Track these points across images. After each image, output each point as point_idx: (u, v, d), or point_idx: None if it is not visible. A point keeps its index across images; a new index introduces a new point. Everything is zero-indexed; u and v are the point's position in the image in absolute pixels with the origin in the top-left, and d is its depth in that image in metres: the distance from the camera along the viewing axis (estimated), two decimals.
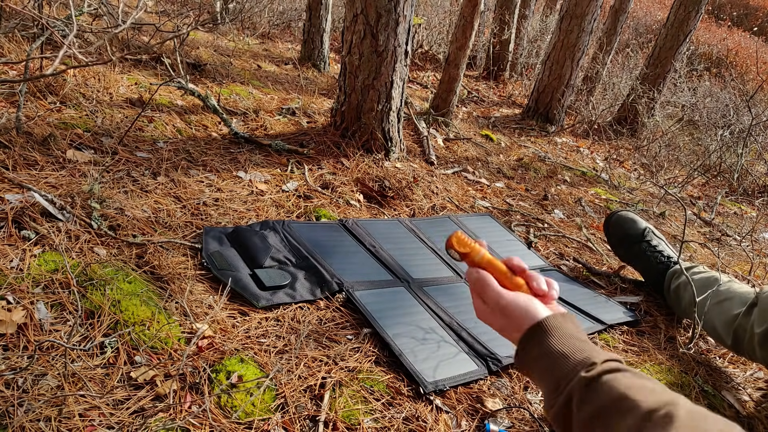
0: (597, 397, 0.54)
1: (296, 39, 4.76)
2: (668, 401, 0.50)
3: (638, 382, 0.54)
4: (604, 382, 0.55)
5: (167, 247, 1.28)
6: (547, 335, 0.61)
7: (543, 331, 0.61)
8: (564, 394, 0.56)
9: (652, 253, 1.69)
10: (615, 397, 0.53)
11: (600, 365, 0.56)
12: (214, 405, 0.90)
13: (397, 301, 1.32)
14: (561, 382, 0.57)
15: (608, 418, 0.52)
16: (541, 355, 0.60)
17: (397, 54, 2.08)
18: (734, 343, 1.36)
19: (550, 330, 0.61)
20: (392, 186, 1.97)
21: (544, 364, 0.60)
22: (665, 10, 9.62)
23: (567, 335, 0.61)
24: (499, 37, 5.15)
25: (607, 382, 0.54)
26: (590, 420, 0.54)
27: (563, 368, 0.58)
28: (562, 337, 0.61)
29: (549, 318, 0.62)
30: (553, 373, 0.59)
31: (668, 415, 0.48)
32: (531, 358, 0.62)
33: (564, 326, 0.62)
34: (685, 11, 4.00)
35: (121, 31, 1.36)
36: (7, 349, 0.89)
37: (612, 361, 0.58)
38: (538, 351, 0.61)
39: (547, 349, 0.60)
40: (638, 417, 0.50)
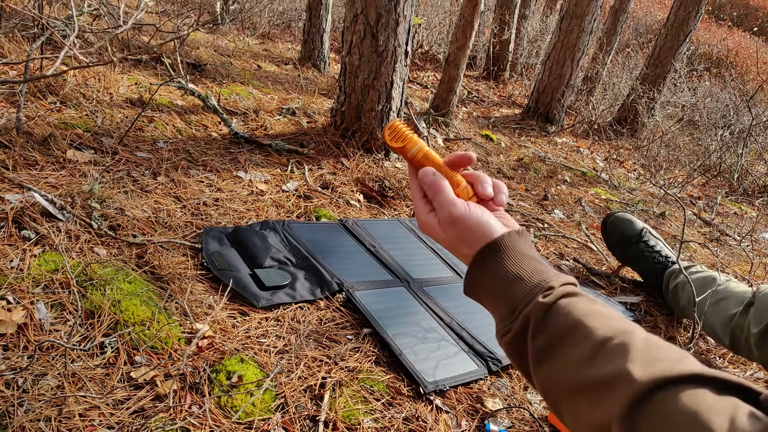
0: (553, 323, 0.50)
1: (296, 39, 4.76)
2: (624, 329, 0.48)
3: (594, 308, 0.51)
4: (561, 307, 0.51)
5: (167, 247, 1.28)
6: (502, 255, 0.55)
7: (497, 251, 0.56)
8: (519, 319, 0.52)
9: (650, 253, 1.69)
10: (570, 323, 0.50)
11: (557, 289, 0.52)
12: (214, 405, 0.90)
13: (397, 301, 1.32)
14: (517, 307, 0.53)
15: (561, 347, 0.49)
16: (495, 277, 0.55)
17: (397, 54, 2.08)
18: (731, 343, 1.36)
19: (506, 250, 0.56)
20: (392, 186, 1.97)
21: (497, 287, 0.55)
22: (665, 10, 9.62)
23: (522, 255, 0.56)
24: (499, 37, 5.15)
25: (564, 308, 0.51)
26: (544, 348, 0.50)
27: (519, 292, 0.53)
28: (518, 258, 0.56)
29: (504, 237, 0.56)
30: (507, 298, 0.54)
31: (623, 344, 0.46)
32: (483, 280, 0.56)
33: (519, 245, 0.57)
34: (685, 11, 4.00)
35: (122, 31, 1.36)
36: (7, 349, 0.89)
37: (569, 284, 0.54)
38: (492, 272, 0.56)
39: (502, 270, 0.55)
40: (592, 345, 0.47)
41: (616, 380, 0.44)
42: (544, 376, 0.50)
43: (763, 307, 1.28)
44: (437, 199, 0.59)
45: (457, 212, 0.57)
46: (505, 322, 0.54)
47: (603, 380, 0.45)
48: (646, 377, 0.42)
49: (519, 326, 0.52)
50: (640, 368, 0.43)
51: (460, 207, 0.58)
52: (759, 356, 1.27)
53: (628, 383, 0.43)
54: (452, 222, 0.58)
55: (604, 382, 0.45)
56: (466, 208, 0.58)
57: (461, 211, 0.57)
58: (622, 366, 0.44)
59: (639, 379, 0.43)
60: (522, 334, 0.52)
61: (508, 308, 0.54)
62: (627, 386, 0.43)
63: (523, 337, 0.52)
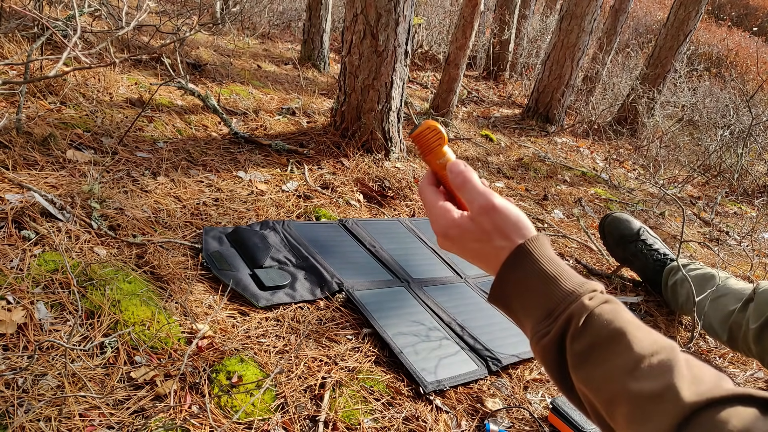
0: (595, 328, 0.48)
1: (296, 39, 4.76)
2: (667, 345, 0.47)
3: (635, 319, 0.50)
4: (605, 312, 0.49)
5: (167, 247, 1.28)
6: (541, 253, 0.53)
7: (538, 248, 0.53)
8: (561, 320, 0.49)
9: (648, 251, 1.69)
10: (615, 330, 0.48)
11: (599, 293, 0.51)
12: (214, 405, 0.90)
13: (397, 301, 1.32)
14: (557, 307, 0.50)
15: (603, 353, 0.47)
16: (534, 275, 0.52)
17: (397, 54, 2.08)
18: (729, 339, 1.36)
19: (545, 248, 0.53)
20: (392, 186, 1.97)
21: (536, 286, 0.52)
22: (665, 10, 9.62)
23: (555, 256, 0.54)
24: (499, 37, 5.15)
25: (608, 313, 0.49)
26: (584, 353, 0.48)
27: (560, 291, 0.50)
28: (555, 258, 0.53)
29: (540, 235, 0.54)
30: (547, 297, 0.51)
31: (668, 361, 0.45)
32: (520, 278, 0.53)
33: (549, 246, 0.54)
34: (685, 11, 4.00)
35: (124, 33, 1.36)
36: (7, 349, 0.89)
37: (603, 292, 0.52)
38: (531, 270, 0.52)
39: (539, 268, 0.52)
40: (637, 357, 0.46)
41: (661, 397, 0.43)
42: (583, 381, 0.49)
43: (762, 303, 1.29)
44: (469, 188, 0.56)
45: (498, 201, 0.54)
46: (541, 324, 0.51)
47: (647, 395, 0.44)
48: (694, 398, 0.42)
49: (559, 327, 0.50)
50: (687, 388, 0.43)
51: (498, 197, 0.55)
52: (757, 352, 1.27)
53: (674, 402, 0.42)
54: (490, 210, 0.54)
55: (648, 397, 0.44)
56: (503, 200, 0.55)
57: (501, 200, 0.55)
58: (670, 383, 0.43)
59: (686, 399, 0.42)
60: (561, 336, 0.50)
61: (547, 309, 0.51)
62: (673, 404, 0.42)
63: (561, 340, 0.50)
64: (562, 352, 0.50)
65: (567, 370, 0.50)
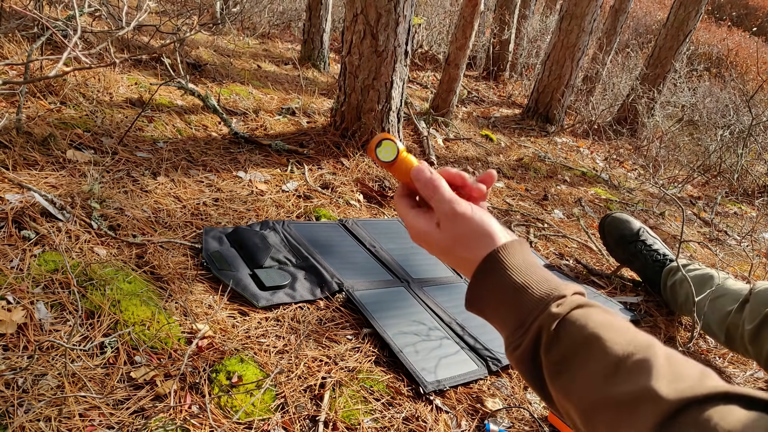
0: (568, 336, 0.47)
1: (296, 39, 4.76)
2: (644, 343, 0.45)
3: (610, 319, 0.48)
4: (576, 318, 0.48)
5: (167, 247, 1.28)
6: (507, 263, 0.52)
7: (503, 259, 0.52)
8: (532, 331, 0.49)
9: (648, 252, 1.69)
10: (587, 336, 0.46)
11: (569, 298, 0.49)
12: (214, 405, 0.90)
13: (397, 301, 1.32)
14: (527, 318, 0.49)
15: (577, 361, 0.46)
16: (501, 287, 0.51)
17: (397, 54, 2.08)
18: (727, 340, 1.36)
19: (511, 258, 0.52)
20: (392, 186, 1.97)
21: (504, 298, 0.51)
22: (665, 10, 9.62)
23: (528, 264, 0.52)
24: (499, 37, 5.15)
25: (579, 319, 0.48)
26: (560, 362, 0.47)
27: (528, 302, 0.50)
28: (525, 266, 0.52)
29: (508, 244, 0.53)
30: (516, 308, 0.50)
31: (645, 360, 0.43)
32: (488, 290, 0.52)
33: (524, 253, 0.53)
34: (685, 11, 4.00)
35: (125, 33, 1.36)
36: (7, 349, 0.89)
37: (579, 294, 0.51)
38: (498, 282, 0.51)
39: (509, 279, 0.51)
40: (612, 361, 0.45)
41: (640, 399, 0.42)
42: (560, 392, 0.48)
43: (757, 304, 1.29)
44: (436, 196, 0.55)
45: (460, 209, 0.53)
46: (515, 335, 0.50)
47: (625, 399, 0.43)
48: (673, 396, 0.40)
49: (530, 339, 0.49)
50: (666, 386, 0.41)
51: (462, 204, 0.54)
52: (753, 353, 1.27)
53: (654, 402, 0.41)
54: (453, 218, 0.53)
55: (626, 401, 0.42)
56: (469, 207, 0.54)
57: (464, 209, 0.54)
58: (647, 384, 0.42)
59: (666, 398, 0.41)
60: (534, 347, 0.49)
61: (518, 320, 0.50)
62: (653, 405, 0.41)
63: (535, 351, 0.49)
64: (537, 364, 0.49)
65: (544, 380, 0.49)
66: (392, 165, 0.58)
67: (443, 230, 0.55)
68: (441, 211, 0.55)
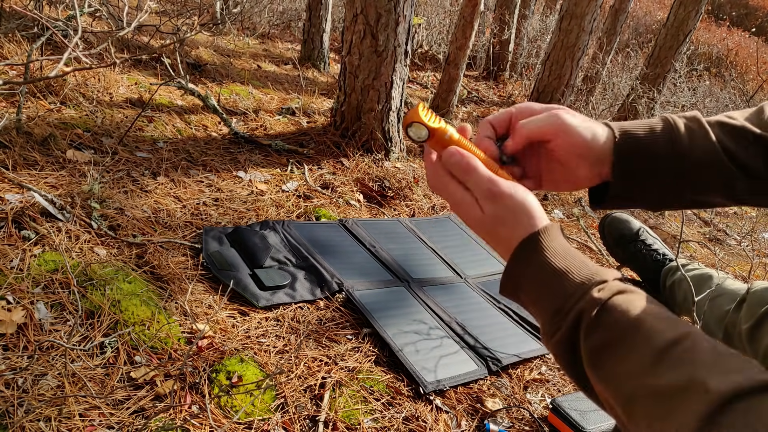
0: (609, 322, 0.46)
1: (296, 39, 4.76)
2: (687, 332, 0.44)
3: (652, 307, 0.47)
4: (618, 304, 0.46)
5: (167, 247, 1.28)
6: (548, 245, 0.50)
7: (544, 240, 0.50)
8: (571, 316, 0.47)
9: (648, 251, 1.70)
10: (629, 323, 0.45)
11: (610, 283, 0.48)
12: (214, 405, 0.90)
13: (396, 300, 1.32)
14: (566, 303, 0.48)
15: (620, 348, 0.45)
16: (541, 269, 0.50)
17: (397, 54, 2.08)
18: (725, 340, 1.36)
19: (552, 240, 0.50)
20: (392, 186, 1.97)
21: (544, 281, 0.49)
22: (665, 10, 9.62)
23: (566, 248, 0.51)
24: (499, 37, 5.15)
25: (621, 305, 0.46)
26: (600, 349, 0.45)
27: (568, 286, 0.48)
28: (564, 249, 0.50)
29: (549, 226, 0.51)
30: (556, 291, 0.49)
31: (690, 350, 0.42)
32: (527, 272, 0.51)
33: (561, 236, 0.51)
34: (685, 11, 4.00)
35: (125, 33, 1.36)
36: (7, 349, 0.89)
37: (619, 279, 0.49)
38: (538, 263, 0.50)
39: (549, 262, 0.49)
40: (656, 349, 0.43)
41: (685, 390, 0.40)
42: (600, 380, 0.46)
43: (754, 303, 1.29)
44: (472, 178, 0.53)
45: (498, 189, 0.52)
46: (553, 320, 0.48)
47: (670, 389, 0.41)
48: (720, 387, 0.39)
49: (569, 325, 0.47)
50: (712, 377, 0.40)
51: (502, 184, 0.52)
52: (750, 352, 1.27)
53: (699, 394, 0.40)
54: (492, 198, 0.52)
55: (670, 392, 0.41)
56: (511, 186, 0.52)
57: (504, 188, 0.52)
58: (692, 374, 0.41)
59: (712, 389, 0.39)
60: (573, 333, 0.47)
61: (557, 304, 0.48)
62: (699, 397, 0.39)
63: (574, 336, 0.47)
64: (576, 350, 0.48)
65: (582, 368, 0.48)
66: (428, 143, 0.56)
67: (483, 209, 0.53)
68: (479, 192, 0.53)
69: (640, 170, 0.57)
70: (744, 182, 0.59)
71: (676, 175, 0.58)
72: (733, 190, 0.60)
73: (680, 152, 0.57)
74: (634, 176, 0.58)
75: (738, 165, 0.58)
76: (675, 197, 0.60)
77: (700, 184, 0.59)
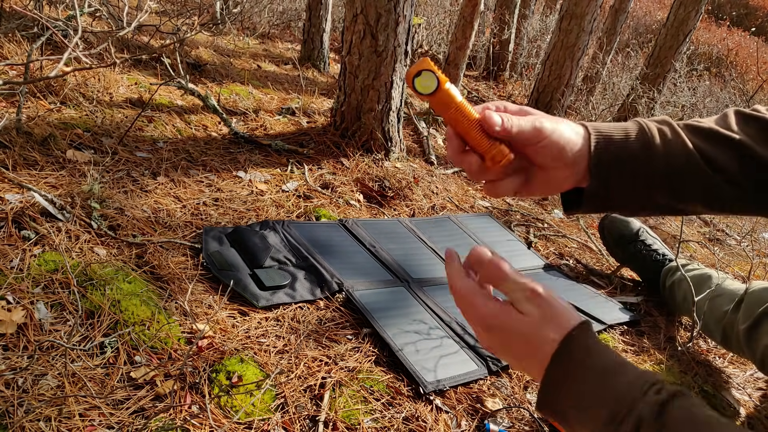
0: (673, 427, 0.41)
1: (296, 39, 4.76)
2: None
3: (710, 413, 0.43)
4: (679, 409, 0.42)
5: (167, 247, 1.28)
6: (595, 341, 0.46)
7: (588, 337, 0.47)
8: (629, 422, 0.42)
9: (648, 252, 1.70)
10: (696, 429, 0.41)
11: (667, 387, 0.43)
12: (214, 405, 0.90)
13: (397, 300, 1.32)
14: (620, 408, 0.43)
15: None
16: (590, 368, 0.45)
17: (396, 54, 2.08)
18: (723, 340, 1.37)
19: (593, 337, 0.47)
20: (392, 186, 1.97)
21: (594, 382, 0.45)
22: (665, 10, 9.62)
23: (604, 348, 0.47)
24: (499, 37, 5.15)
25: (682, 411, 0.42)
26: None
27: (618, 389, 0.43)
28: (607, 349, 0.46)
29: (586, 322, 0.48)
30: (603, 397, 0.44)
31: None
32: (569, 373, 0.46)
33: (596, 336, 0.48)
34: (685, 11, 4.00)
35: (125, 33, 1.36)
36: (7, 349, 0.89)
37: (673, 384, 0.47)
38: (588, 363, 0.45)
39: (599, 360, 0.45)
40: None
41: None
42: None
43: (750, 303, 1.29)
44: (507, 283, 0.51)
45: (543, 288, 0.49)
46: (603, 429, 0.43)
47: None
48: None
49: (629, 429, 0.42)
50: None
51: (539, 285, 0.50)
52: (748, 353, 1.27)
53: None
54: (536, 298, 0.48)
55: None
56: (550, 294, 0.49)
57: (546, 289, 0.49)
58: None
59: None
60: None
61: (608, 411, 0.43)
62: None
63: None
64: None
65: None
66: (432, 98, 0.53)
67: (525, 311, 0.49)
68: (521, 290, 0.50)
69: (616, 172, 0.57)
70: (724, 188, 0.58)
71: (652, 177, 0.57)
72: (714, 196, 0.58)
73: (655, 154, 0.57)
74: (610, 177, 0.57)
75: (715, 168, 0.57)
76: (651, 201, 0.59)
77: (676, 188, 0.57)
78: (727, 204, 0.59)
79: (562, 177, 0.58)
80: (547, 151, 0.55)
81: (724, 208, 0.60)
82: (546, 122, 0.55)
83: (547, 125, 0.55)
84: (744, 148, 0.57)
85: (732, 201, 0.59)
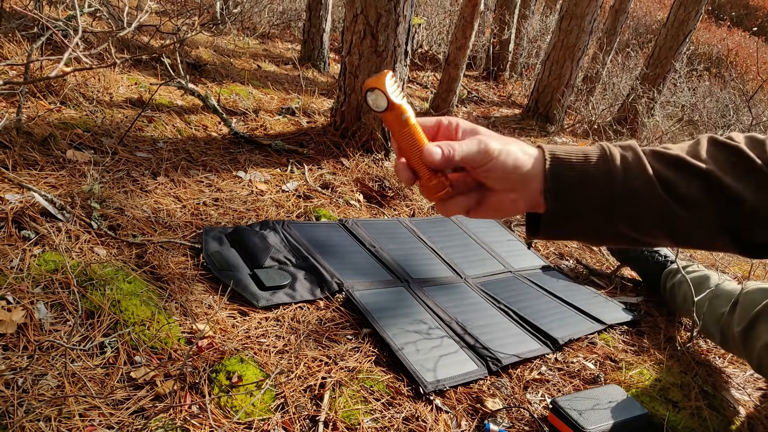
0: None
1: (296, 39, 4.76)
2: None
3: None
4: None
5: (167, 247, 1.28)
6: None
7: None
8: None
9: (649, 252, 1.70)
10: None
11: None
12: (214, 405, 0.90)
13: (396, 301, 1.32)
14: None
15: None
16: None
17: (397, 54, 2.08)
18: (722, 341, 1.37)
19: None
20: (392, 186, 1.97)
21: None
22: (665, 10, 9.61)
23: None
24: (499, 37, 5.15)
25: None
26: None
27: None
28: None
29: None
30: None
31: None
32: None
33: None
34: (685, 11, 4.00)
35: (126, 33, 1.37)
36: (7, 349, 0.89)
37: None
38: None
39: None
40: None
41: None
42: None
43: (745, 305, 1.29)
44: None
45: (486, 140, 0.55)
46: None
47: None
48: None
49: None
50: None
51: None
52: (745, 354, 1.27)
53: None
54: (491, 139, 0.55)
55: None
56: None
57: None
58: None
59: None
60: None
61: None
62: None
63: None
64: None
65: None
66: (383, 115, 0.53)
67: None
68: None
69: (573, 196, 0.55)
70: (683, 216, 0.55)
71: (610, 202, 0.55)
72: (671, 225, 0.56)
73: (614, 179, 0.55)
74: (566, 201, 0.55)
75: (674, 196, 0.55)
76: (611, 228, 0.57)
77: (632, 214, 0.56)
78: (691, 236, 0.57)
79: (510, 199, 0.56)
80: (493, 173, 0.55)
81: (689, 240, 0.58)
82: (493, 143, 0.54)
83: (493, 146, 0.54)
84: (711, 177, 0.55)
85: (694, 230, 0.57)
